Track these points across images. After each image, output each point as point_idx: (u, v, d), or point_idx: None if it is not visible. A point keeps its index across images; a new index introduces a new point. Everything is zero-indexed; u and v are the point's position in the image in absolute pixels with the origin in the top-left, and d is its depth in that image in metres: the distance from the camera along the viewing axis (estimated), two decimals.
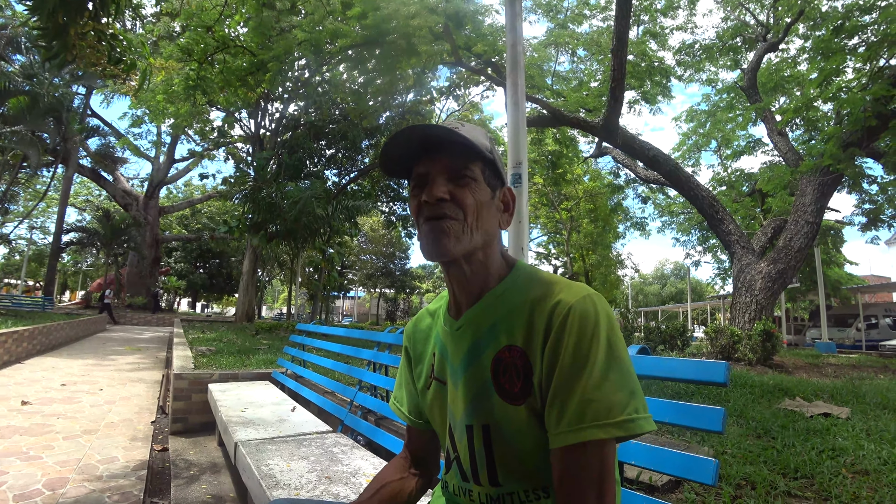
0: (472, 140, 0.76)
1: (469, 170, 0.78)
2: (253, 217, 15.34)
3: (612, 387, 0.66)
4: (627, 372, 0.69)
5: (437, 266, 5.48)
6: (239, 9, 11.13)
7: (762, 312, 9.05)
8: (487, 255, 0.81)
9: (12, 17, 16.93)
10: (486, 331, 0.79)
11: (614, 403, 0.66)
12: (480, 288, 0.81)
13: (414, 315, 1.11)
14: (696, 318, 38.58)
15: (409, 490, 0.97)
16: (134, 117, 23.54)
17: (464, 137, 0.75)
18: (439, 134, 0.76)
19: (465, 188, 0.77)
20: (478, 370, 0.79)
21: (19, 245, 35.29)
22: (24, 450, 3.28)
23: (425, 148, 0.79)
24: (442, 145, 0.77)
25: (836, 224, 19.30)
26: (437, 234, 0.75)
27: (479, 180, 0.79)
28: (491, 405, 0.76)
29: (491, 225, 0.80)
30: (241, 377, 4.62)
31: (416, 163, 0.81)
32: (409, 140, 0.77)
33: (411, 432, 1.03)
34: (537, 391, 0.72)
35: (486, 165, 0.80)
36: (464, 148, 0.77)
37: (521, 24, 3.76)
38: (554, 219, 26.25)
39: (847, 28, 8.78)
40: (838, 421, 3.59)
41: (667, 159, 10.72)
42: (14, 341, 7.55)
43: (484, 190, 0.79)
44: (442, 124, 0.76)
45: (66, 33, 3.58)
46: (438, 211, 0.76)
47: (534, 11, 14.42)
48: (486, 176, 0.80)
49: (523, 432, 0.74)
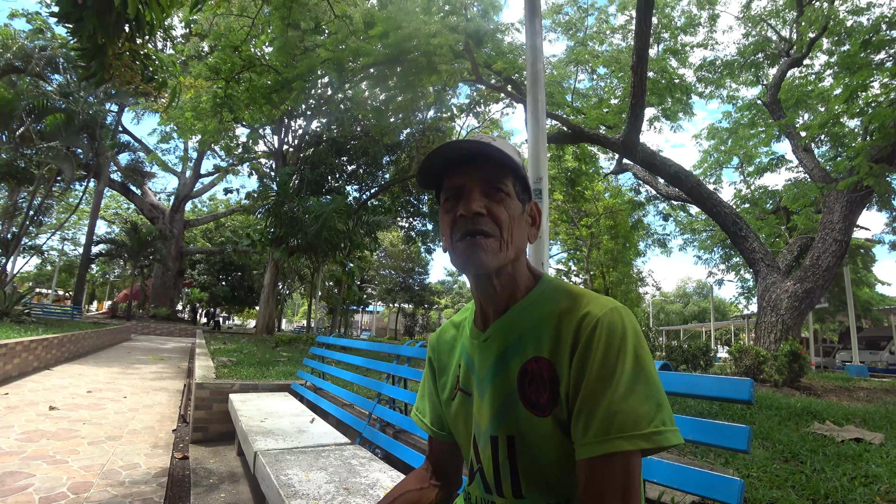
0: (507, 153, 0.77)
1: (503, 184, 0.79)
2: (275, 231, 15.61)
3: (639, 399, 0.67)
4: (654, 385, 0.69)
5: (456, 282, 5.47)
6: (265, 29, 11.48)
7: (788, 333, 8.81)
8: (516, 269, 0.82)
9: (51, 39, 17.71)
10: (513, 342, 0.79)
11: (641, 415, 0.66)
12: (507, 300, 0.82)
13: (433, 330, 1.12)
14: (720, 337, 37.71)
15: (429, 501, 0.97)
16: (163, 133, 24.36)
17: (499, 150, 0.76)
18: (474, 148, 0.77)
19: (500, 203, 0.78)
20: (504, 381, 0.79)
21: (51, 256, 36.44)
22: (50, 453, 3.36)
23: (460, 161, 0.80)
24: (477, 158, 0.78)
25: (865, 242, 18.78)
26: (475, 250, 0.76)
27: (511, 195, 0.80)
28: (516, 416, 0.77)
29: (521, 239, 0.82)
30: (261, 388, 4.67)
31: (448, 175, 0.81)
32: (448, 154, 0.79)
33: (433, 444, 1.03)
34: (564, 402, 0.72)
35: (518, 180, 0.81)
36: (499, 162, 0.78)
37: (541, 42, 3.80)
38: (574, 235, 26.07)
39: (874, 43, 8.65)
40: (871, 447, 3.46)
41: (688, 176, 10.61)
42: (44, 348, 7.76)
43: (516, 205, 0.80)
44: (475, 138, 0.77)
45: (104, 53, 3.74)
46: (476, 227, 0.76)
47: (553, 30, 14.56)
48: (517, 190, 0.81)
49: (548, 443, 0.74)
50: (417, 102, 13.35)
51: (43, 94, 15.60)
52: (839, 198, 9.35)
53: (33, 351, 7.31)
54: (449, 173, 0.81)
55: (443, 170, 0.82)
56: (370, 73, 11.62)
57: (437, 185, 0.85)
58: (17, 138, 15.36)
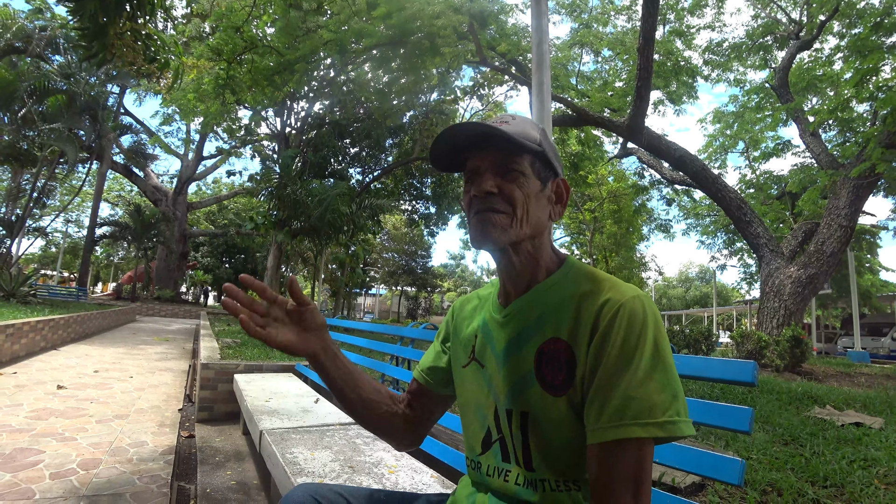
0: (516, 135, 0.78)
1: (516, 163, 0.80)
2: (278, 214, 15.59)
3: (656, 387, 0.66)
4: (672, 375, 0.69)
5: (459, 265, 5.48)
6: (267, 10, 11.32)
7: (791, 318, 8.83)
8: (536, 248, 0.83)
9: (51, 19, 17.53)
10: (532, 322, 0.80)
11: (656, 403, 0.66)
12: (529, 279, 0.83)
13: (436, 313, 1.14)
14: (722, 322, 37.78)
15: (396, 409, 0.99)
16: (165, 115, 24.16)
17: (505, 133, 0.77)
18: (484, 131, 0.78)
19: (512, 182, 0.79)
20: (521, 359, 0.80)
21: (55, 238, 36.61)
22: (59, 431, 3.41)
23: (475, 144, 0.81)
24: (489, 141, 0.80)
25: (871, 228, 18.69)
26: (485, 225, 0.79)
27: (527, 174, 0.80)
28: (530, 394, 0.78)
29: (540, 217, 0.82)
30: (265, 368, 4.71)
31: (468, 158, 0.83)
32: (454, 137, 0.81)
33: (413, 385, 1.05)
34: (579, 385, 0.73)
35: (536, 157, 0.82)
36: (508, 143, 0.79)
37: (546, 24, 3.74)
38: (577, 219, 26.01)
39: (886, 25, 8.50)
40: (871, 431, 3.49)
41: (693, 160, 10.53)
42: (50, 329, 7.84)
43: (533, 183, 0.81)
44: (489, 121, 0.78)
45: (105, 34, 3.71)
46: (487, 204, 0.79)
47: (557, 12, 14.34)
48: (536, 168, 0.82)
49: (560, 424, 0.75)
50: (421, 85, 13.23)
51: (44, 76, 15.48)
52: (845, 183, 9.27)
53: (40, 331, 7.38)
54: (468, 155, 0.83)
55: (459, 152, 0.84)
56: (373, 55, 11.50)
57: (460, 167, 0.86)
58: (19, 120, 15.30)
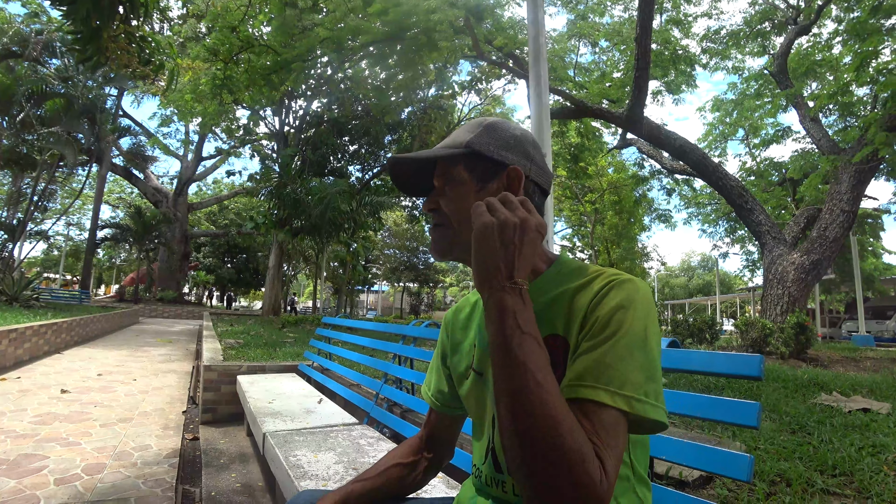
0: (433, 151, 0.81)
1: (447, 176, 0.82)
2: (278, 213, 15.59)
3: (634, 365, 0.63)
4: (653, 360, 0.65)
5: None
6: (262, 9, 11.25)
7: (795, 305, 8.79)
8: None
9: (48, 23, 17.48)
10: None
11: (630, 379, 0.62)
12: None
13: (438, 308, 1.12)
14: (725, 310, 37.75)
15: (417, 473, 1.00)
16: (163, 117, 24.20)
17: (419, 154, 0.80)
18: (409, 160, 0.83)
19: (443, 196, 0.82)
20: None
21: (57, 241, 36.67)
22: (63, 436, 3.41)
23: (423, 169, 0.86)
24: (418, 165, 0.85)
25: (873, 212, 18.61)
26: (432, 241, 0.85)
27: (461, 180, 0.80)
28: None
29: None
30: (268, 369, 4.71)
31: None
32: (401, 170, 0.87)
33: (430, 414, 1.04)
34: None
35: (471, 159, 0.80)
36: (429, 162, 0.84)
37: (542, 16, 3.71)
38: (578, 211, 25.92)
39: (884, 8, 8.41)
40: (878, 416, 3.47)
41: (693, 149, 10.47)
42: (53, 332, 7.85)
43: (468, 186, 0.80)
44: (412, 154, 0.82)
45: (99, 36, 3.67)
46: (432, 221, 0.84)
47: (553, 4, 14.25)
48: (478, 170, 0.80)
49: None
50: (418, 80, 13.14)
51: (41, 79, 15.46)
52: (847, 168, 9.21)
53: (43, 335, 7.40)
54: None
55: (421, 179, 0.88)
56: (370, 52, 11.42)
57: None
58: (18, 124, 15.29)
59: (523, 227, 0.65)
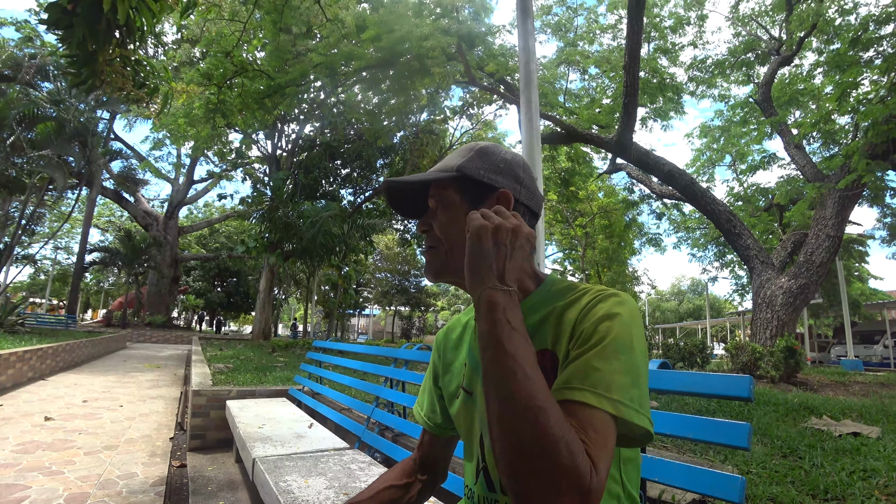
0: (426, 175, 0.82)
1: (439, 198, 0.83)
2: (270, 236, 15.54)
3: (620, 368, 0.64)
4: (637, 368, 0.66)
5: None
6: (257, 34, 11.45)
7: (784, 329, 8.86)
8: None
9: (41, 47, 17.62)
10: None
11: (615, 382, 0.62)
12: None
13: (430, 332, 1.13)
14: (715, 334, 37.84)
15: (411, 496, 0.99)
16: (155, 140, 24.27)
17: (412, 178, 0.82)
18: (402, 183, 0.84)
19: (435, 218, 0.83)
20: None
21: (44, 265, 36.15)
22: (46, 464, 3.32)
23: (417, 193, 0.88)
24: (414, 189, 0.87)
25: (858, 238, 18.93)
26: (426, 263, 0.85)
27: (451, 203, 0.82)
28: None
29: None
30: (258, 394, 4.64)
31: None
32: (396, 193, 0.89)
33: (423, 435, 1.05)
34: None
35: (462, 182, 0.81)
36: (421, 186, 0.85)
37: (533, 43, 3.81)
38: (569, 235, 26.11)
39: (863, 41, 8.73)
40: (868, 441, 3.48)
41: (682, 174, 10.66)
42: (38, 358, 7.69)
43: (456, 210, 0.81)
44: (412, 177, 0.83)
45: (94, 60, 3.72)
46: (426, 243, 0.85)
47: (544, 31, 14.63)
48: (468, 193, 0.81)
49: None
50: (411, 105, 13.36)
51: (33, 103, 15.47)
52: (831, 194, 9.41)
53: (28, 361, 7.24)
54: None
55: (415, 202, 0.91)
56: (363, 77, 11.62)
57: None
58: (8, 147, 15.24)
59: (516, 231, 0.68)
